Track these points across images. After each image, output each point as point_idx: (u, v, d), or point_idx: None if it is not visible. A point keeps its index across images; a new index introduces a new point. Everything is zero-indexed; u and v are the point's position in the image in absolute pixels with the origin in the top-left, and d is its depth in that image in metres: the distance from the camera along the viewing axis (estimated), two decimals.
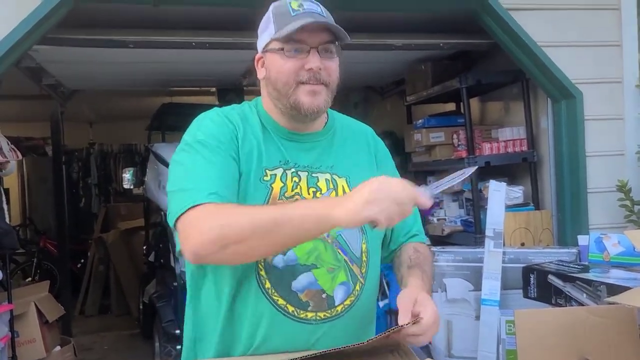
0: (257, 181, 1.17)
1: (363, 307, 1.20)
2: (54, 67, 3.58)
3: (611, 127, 2.98)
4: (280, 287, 1.14)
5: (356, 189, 1.02)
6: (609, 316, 1.92)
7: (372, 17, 3.15)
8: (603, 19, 2.99)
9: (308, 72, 1.16)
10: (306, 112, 1.18)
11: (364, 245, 1.21)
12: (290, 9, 1.17)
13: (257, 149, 1.19)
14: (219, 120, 1.21)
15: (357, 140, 1.31)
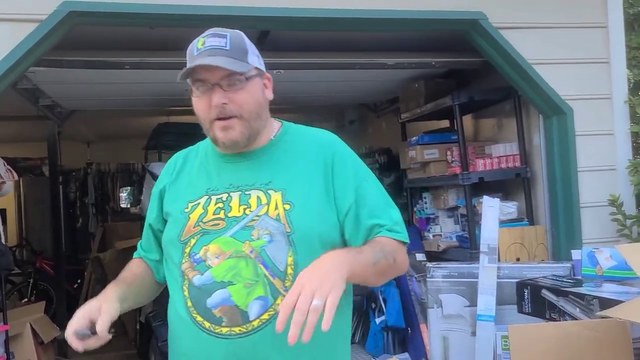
0: (178, 214, 1.29)
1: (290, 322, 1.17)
2: (51, 88, 3.62)
3: (602, 143, 3.01)
4: (198, 305, 1.21)
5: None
6: (602, 330, 1.94)
7: (366, 36, 3.20)
8: (591, 36, 3.04)
9: (215, 109, 1.22)
10: (223, 145, 1.27)
11: (290, 258, 1.20)
12: (195, 48, 1.24)
13: (186, 185, 1.33)
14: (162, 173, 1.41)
15: (307, 152, 1.31)
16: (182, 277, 1.26)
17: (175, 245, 1.28)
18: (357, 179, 1.29)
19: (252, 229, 1.21)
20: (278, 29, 2.94)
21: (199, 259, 1.23)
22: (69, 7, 2.29)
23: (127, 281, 1.35)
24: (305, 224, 1.22)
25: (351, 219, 1.26)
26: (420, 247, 3.73)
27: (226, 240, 1.22)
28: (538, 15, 2.97)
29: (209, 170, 1.32)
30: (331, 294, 0.99)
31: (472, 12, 2.84)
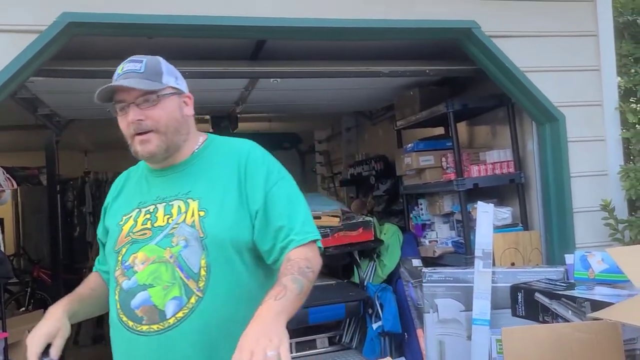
0: (115, 227, 1.44)
1: (203, 318, 1.30)
2: (49, 97, 3.65)
3: (593, 148, 3.06)
4: (124, 307, 1.34)
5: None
6: (593, 332, 1.97)
7: (362, 45, 3.25)
8: (582, 45, 3.10)
9: (132, 125, 1.36)
10: (142, 158, 1.42)
11: (202, 261, 1.32)
12: (116, 74, 1.41)
13: (122, 200, 1.48)
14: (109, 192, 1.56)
15: (226, 161, 1.42)
16: (115, 283, 1.39)
17: (111, 254, 1.42)
18: (268, 183, 1.39)
19: (172, 236, 1.34)
20: (274, 38, 2.98)
21: (129, 266, 1.36)
22: (68, 18, 2.33)
23: (81, 297, 1.49)
24: (216, 229, 1.33)
25: (260, 220, 1.36)
26: (416, 253, 3.76)
27: (151, 247, 1.35)
28: (530, 24, 3.03)
29: (142, 185, 1.47)
30: (282, 345, 1.08)
31: (465, 20, 2.89)
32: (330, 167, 7.05)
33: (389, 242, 3.71)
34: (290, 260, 1.33)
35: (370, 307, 3.42)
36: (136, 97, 1.36)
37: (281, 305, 1.19)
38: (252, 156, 1.43)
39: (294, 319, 3.48)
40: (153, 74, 1.39)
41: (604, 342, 1.96)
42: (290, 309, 1.21)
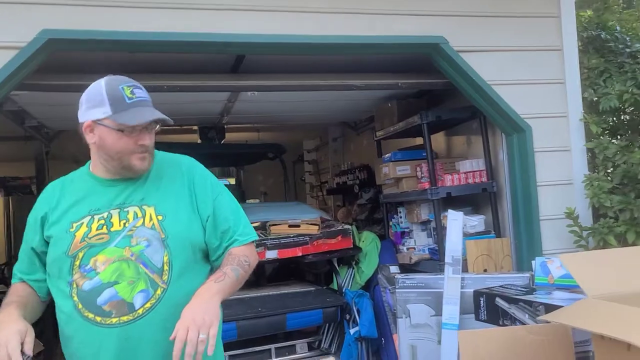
0: (63, 234, 1.50)
1: (169, 307, 1.46)
2: (36, 109, 3.76)
3: (559, 158, 3.18)
4: (88, 305, 1.44)
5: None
6: (545, 334, 2.06)
7: (340, 59, 3.37)
8: (547, 59, 3.22)
9: (140, 147, 1.50)
10: (138, 172, 1.54)
11: (165, 257, 1.49)
12: (125, 96, 1.49)
13: (68, 209, 1.53)
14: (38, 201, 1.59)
15: (172, 173, 1.60)
16: (69, 286, 1.47)
17: (62, 260, 1.49)
18: (214, 192, 1.61)
19: (130, 237, 1.48)
20: (251, 53, 3.10)
21: (90, 269, 1.46)
22: (48, 35, 2.43)
23: (22, 303, 1.51)
24: (176, 231, 1.51)
25: (210, 224, 1.57)
26: (394, 259, 3.85)
27: (111, 250, 1.47)
28: (497, 39, 3.15)
29: (89, 194, 1.55)
30: (212, 327, 1.33)
31: (434, 36, 3.02)
32: (319, 176, 7.16)
33: (367, 249, 3.81)
34: (232, 254, 1.57)
35: (348, 313, 3.50)
36: (149, 124, 1.50)
37: (218, 287, 1.43)
38: (197, 170, 1.63)
39: (273, 324, 3.54)
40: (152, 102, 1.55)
41: (555, 343, 2.05)
42: (227, 292, 1.45)
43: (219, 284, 1.44)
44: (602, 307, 1.82)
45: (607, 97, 3.14)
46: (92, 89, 1.56)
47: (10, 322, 1.39)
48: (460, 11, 3.08)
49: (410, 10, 2.99)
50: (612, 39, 3.50)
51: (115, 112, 1.47)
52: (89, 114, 1.51)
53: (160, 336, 1.42)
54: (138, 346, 1.43)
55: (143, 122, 1.47)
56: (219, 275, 1.47)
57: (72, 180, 1.61)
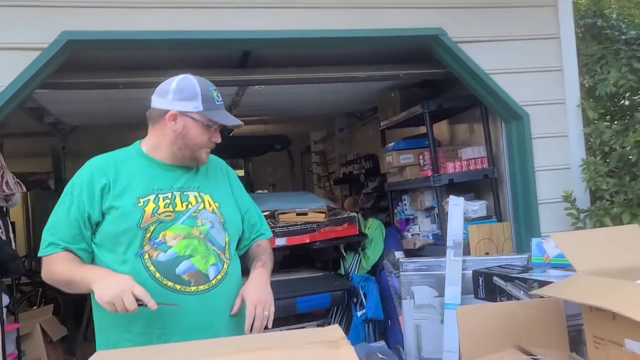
0: (132, 207, 1.64)
1: (231, 279, 1.71)
2: (54, 106, 3.93)
3: (557, 144, 3.28)
4: (167, 274, 1.61)
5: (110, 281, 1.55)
6: (537, 308, 2.19)
7: (342, 51, 3.49)
8: (545, 47, 3.32)
9: (212, 143, 1.73)
10: (200, 164, 1.75)
11: (226, 238, 1.73)
12: (214, 97, 1.70)
13: (131, 185, 1.67)
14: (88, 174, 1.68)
15: (215, 169, 1.84)
16: (140, 257, 1.61)
17: (132, 231, 1.62)
18: (243, 192, 1.90)
19: (196, 219, 1.68)
20: (258, 48, 3.23)
21: (160, 242, 1.63)
22: (68, 36, 2.59)
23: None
24: (231, 217, 1.77)
25: (245, 217, 1.86)
26: (398, 245, 3.99)
27: (178, 227, 1.65)
28: (494, 29, 3.25)
29: (149, 175, 1.70)
30: (271, 305, 1.66)
31: (433, 28, 3.13)
32: (326, 167, 7.29)
33: (372, 235, 3.94)
34: (261, 246, 1.87)
35: (355, 296, 3.65)
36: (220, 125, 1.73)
37: (267, 273, 1.76)
38: (232, 172, 1.90)
39: (284, 307, 3.69)
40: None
41: (547, 317, 2.18)
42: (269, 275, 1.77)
43: (267, 270, 1.75)
44: (590, 281, 1.94)
45: (603, 83, 3.24)
46: (183, 82, 1.70)
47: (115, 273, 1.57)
48: (458, 3, 3.18)
49: (410, 3, 3.10)
50: (609, 26, 3.59)
51: (206, 110, 1.65)
52: (177, 105, 1.66)
53: (225, 305, 1.67)
54: (212, 312, 1.64)
55: (230, 123, 1.71)
56: (263, 263, 1.77)
57: (125, 158, 1.72)
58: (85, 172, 1.69)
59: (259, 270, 1.74)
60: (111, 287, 1.51)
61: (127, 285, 1.51)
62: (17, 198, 3.28)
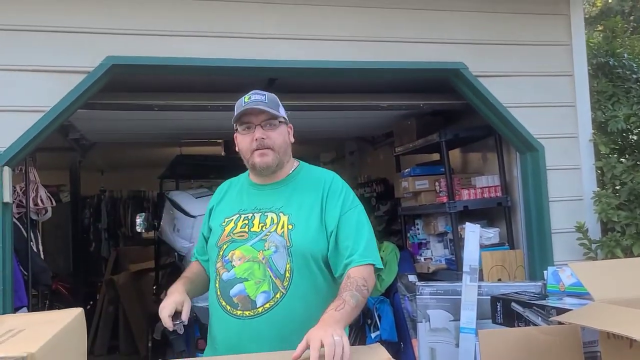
0: (217, 226, 1.75)
1: (284, 311, 1.60)
2: (82, 123, 4.05)
3: (570, 176, 3.41)
4: (223, 294, 1.66)
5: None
6: (555, 334, 2.29)
7: (359, 81, 3.64)
8: (559, 83, 3.47)
9: (256, 141, 1.68)
10: (259, 168, 1.71)
11: (288, 265, 1.63)
12: (243, 102, 1.72)
13: (225, 205, 1.80)
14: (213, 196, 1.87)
15: (313, 186, 1.73)
16: (215, 273, 1.70)
17: (213, 249, 1.73)
18: (343, 208, 1.70)
19: (265, 242, 1.65)
20: (283, 76, 3.37)
21: (228, 260, 1.67)
22: (112, 61, 2.73)
23: (191, 279, 1.79)
24: (300, 241, 1.64)
25: (333, 239, 1.67)
26: (412, 269, 4.08)
27: (247, 248, 1.66)
28: (512, 65, 3.40)
29: (242, 195, 1.79)
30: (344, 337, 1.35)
31: (454, 62, 3.28)
32: None
33: (387, 258, 4.04)
34: (350, 277, 1.60)
35: (369, 317, 3.73)
36: (262, 121, 1.69)
37: (340, 315, 1.45)
38: (334, 185, 1.74)
39: None
40: (274, 105, 1.73)
41: (565, 343, 2.27)
42: (347, 319, 1.49)
43: (340, 312, 1.46)
44: (608, 310, 2.03)
45: (615, 119, 3.38)
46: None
47: (173, 294, 1.65)
48: (478, 39, 3.34)
49: (434, 38, 3.26)
50: (620, 65, 3.75)
51: (236, 115, 1.71)
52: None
53: (272, 334, 1.58)
54: (256, 339, 1.59)
55: (237, 115, 1.68)
56: (339, 304, 1.48)
57: (238, 180, 1.87)
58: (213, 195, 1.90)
59: (329, 313, 1.45)
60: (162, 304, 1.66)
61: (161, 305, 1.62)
62: (49, 213, 3.38)
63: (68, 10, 2.76)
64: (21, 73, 2.69)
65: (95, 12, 2.79)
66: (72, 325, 1.12)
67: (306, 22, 3.11)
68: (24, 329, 1.04)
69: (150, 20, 2.86)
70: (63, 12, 2.75)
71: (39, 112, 2.66)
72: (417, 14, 3.26)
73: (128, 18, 2.83)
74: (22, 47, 2.70)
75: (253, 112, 1.68)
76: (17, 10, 2.70)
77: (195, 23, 2.92)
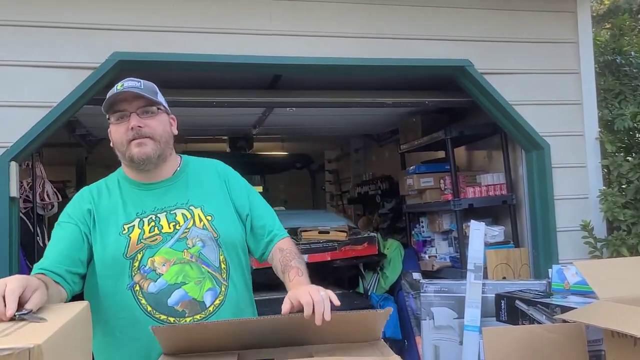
0: (117, 236, 1.51)
1: (232, 302, 1.53)
2: (88, 119, 4.07)
3: (575, 174, 3.39)
4: (158, 306, 1.47)
5: None
6: (560, 332, 2.28)
7: (370, 77, 3.64)
8: (565, 81, 3.46)
9: (132, 131, 1.50)
10: (137, 160, 1.51)
11: (221, 256, 1.54)
12: (115, 88, 1.53)
13: (114, 212, 1.54)
14: (76, 200, 1.58)
15: (209, 175, 1.65)
16: (131, 289, 1.48)
17: (119, 263, 1.49)
18: (247, 191, 1.68)
19: (186, 239, 1.52)
20: (288, 72, 3.37)
21: (149, 269, 1.49)
22: (118, 57, 2.74)
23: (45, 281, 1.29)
24: (225, 229, 1.57)
25: (249, 222, 1.64)
26: (416, 266, 4.08)
27: (167, 250, 1.51)
28: (518, 62, 3.39)
29: (129, 198, 1.56)
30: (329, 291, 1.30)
31: (460, 59, 3.27)
32: (339, 186, 7.40)
33: (391, 256, 4.04)
34: (284, 249, 1.59)
35: None
36: (137, 108, 1.50)
37: (305, 279, 1.46)
38: (230, 172, 1.70)
39: None
40: (151, 92, 1.54)
41: (570, 341, 2.27)
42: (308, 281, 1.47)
43: (304, 277, 1.47)
44: (613, 308, 2.03)
45: (621, 117, 3.36)
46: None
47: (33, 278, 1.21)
48: (485, 37, 3.33)
49: (439, 35, 3.25)
50: (627, 63, 3.73)
51: (105, 104, 1.52)
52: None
53: None
54: None
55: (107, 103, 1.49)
56: (297, 271, 1.48)
57: (106, 186, 1.61)
58: (71, 202, 1.60)
59: (297, 280, 1.45)
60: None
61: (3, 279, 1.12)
62: (55, 209, 3.40)
63: (75, 6, 2.77)
64: (28, 69, 2.70)
65: (102, 8, 2.80)
66: (78, 318, 1.13)
67: (312, 18, 3.11)
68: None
69: (157, 17, 2.87)
70: (70, 8, 2.77)
71: (46, 108, 2.67)
72: (423, 11, 3.26)
73: (134, 14, 2.84)
74: (29, 43, 2.71)
75: (127, 99, 1.50)
76: (23, 6, 2.72)
77: (201, 19, 2.93)
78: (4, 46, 2.69)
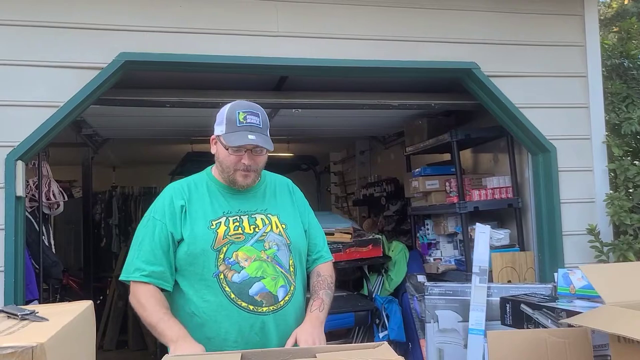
0: (205, 230, 1.75)
1: (297, 300, 1.81)
2: (94, 119, 4.09)
3: (582, 178, 3.38)
4: (241, 295, 1.72)
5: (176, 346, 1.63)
6: (566, 336, 2.27)
7: (376, 79, 3.63)
8: (572, 84, 3.44)
9: (242, 165, 1.75)
10: (239, 187, 1.80)
11: (290, 260, 1.81)
12: (237, 120, 1.73)
13: (203, 208, 1.78)
14: (167, 197, 1.80)
15: (282, 189, 1.92)
16: (216, 277, 1.72)
17: (207, 253, 1.73)
18: (308, 209, 1.96)
19: (264, 242, 1.77)
20: (294, 74, 3.37)
21: (233, 262, 1.73)
22: (125, 57, 2.75)
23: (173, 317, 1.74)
24: (296, 239, 1.84)
25: (307, 236, 1.91)
26: (421, 269, 4.07)
27: (248, 248, 1.75)
28: (525, 65, 3.38)
29: (215, 198, 1.80)
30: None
31: (467, 62, 3.26)
32: (344, 188, 7.40)
33: (396, 258, 4.03)
34: (320, 275, 1.89)
35: (378, 317, 3.72)
36: (253, 147, 1.74)
37: (323, 315, 1.79)
38: (295, 188, 1.98)
39: None
40: (266, 129, 1.78)
41: (575, 346, 2.26)
42: (325, 317, 1.80)
43: (323, 312, 1.79)
44: (619, 313, 2.02)
45: (628, 121, 3.34)
46: (221, 109, 1.82)
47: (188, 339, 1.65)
48: (491, 39, 3.32)
49: (446, 38, 3.25)
50: (635, 67, 3.71)
51: (226, 132, 1.73)
52: (215, 129, 1.80)
53: (293, 324, 1.76)
54: (283, 330, 1.74)
55: (236, 145, 1.71)
56: (320, 303, 1.80)
57: (195, 184, 1.84)
58: (165, 196, 1.81)
59: (315, 314, 1.76)
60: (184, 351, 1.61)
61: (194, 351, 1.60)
62: (62, 207, 3.41)
63: (82, 7, 2.79)
64: (35, 68, 2.71)
65: (109, 9, 2.81)
66: (82, 317, 1.13)
67: (318, 20, 3.11)
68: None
69: (163, 18, 2.87)
70: (77, 9, 2.78)
71: (53, 108, 2.69)
72: (429, 14, 3.25)
73: (141, 15, 2.85)
74: (36, 43, 2.73)
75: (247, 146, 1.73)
76: (30, 6, 2.73)
77: (208, 21, 2.94)
78: (11, 46, 2.71)
